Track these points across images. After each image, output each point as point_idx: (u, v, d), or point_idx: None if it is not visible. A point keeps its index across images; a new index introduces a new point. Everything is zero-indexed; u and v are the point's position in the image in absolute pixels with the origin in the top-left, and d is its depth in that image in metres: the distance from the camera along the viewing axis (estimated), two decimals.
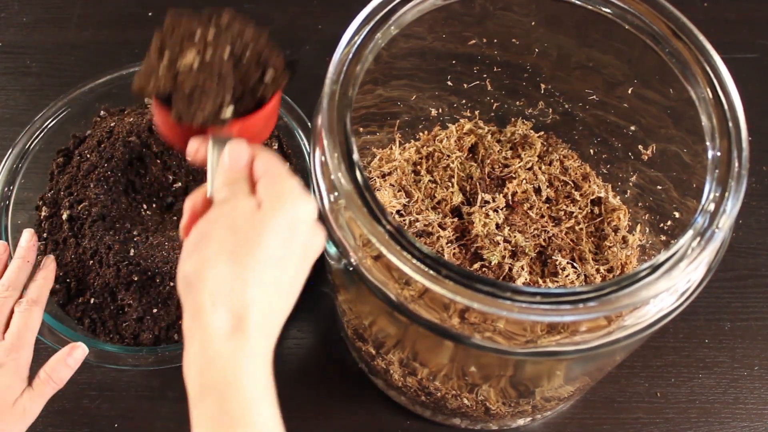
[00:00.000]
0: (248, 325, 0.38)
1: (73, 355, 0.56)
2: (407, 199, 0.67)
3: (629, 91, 0.60)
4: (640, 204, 0.67)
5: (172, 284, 0.63)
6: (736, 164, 0.44)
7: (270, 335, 0.41)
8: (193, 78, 0.42)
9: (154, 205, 0.70)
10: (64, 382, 0.56)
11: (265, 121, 0.45)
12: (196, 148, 0.44)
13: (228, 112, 0.42)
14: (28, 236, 0.61)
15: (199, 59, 0.42)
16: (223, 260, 0.38)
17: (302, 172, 0.74)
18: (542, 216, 0.67)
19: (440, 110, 0.73)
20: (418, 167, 0.70)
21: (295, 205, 0.40)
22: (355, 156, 0.43)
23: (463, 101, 0.72)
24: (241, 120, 0.43)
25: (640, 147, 0.63)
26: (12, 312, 0.56)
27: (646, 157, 0.63)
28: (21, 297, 0.57)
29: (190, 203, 0.44)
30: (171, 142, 0.47)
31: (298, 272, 0.41)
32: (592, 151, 0.70)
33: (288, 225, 0.39)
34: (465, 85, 0.69)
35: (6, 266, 0.60)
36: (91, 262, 0.65)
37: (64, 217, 0.68)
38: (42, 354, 0.70)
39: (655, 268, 0.41)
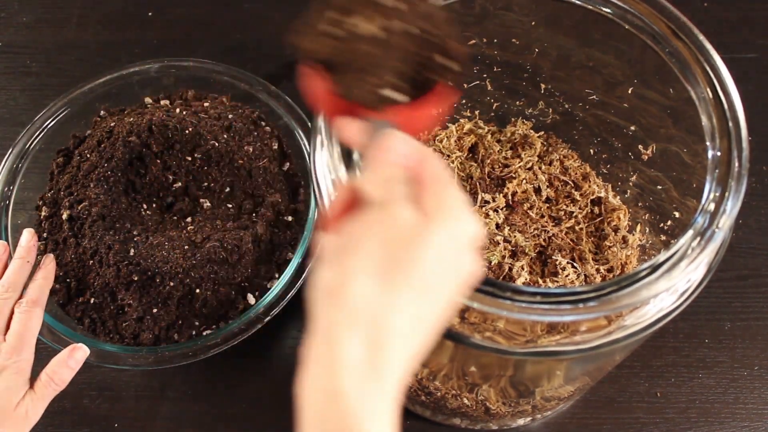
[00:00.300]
0: (384, 361, 0.32)
1: (74, 357, 0.56)
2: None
3: (629, 91, 0.60)
4: (640, 204, 0.67)
5: (172, 284, 0.63)
6: (736, 164, 0.44)
7: (404, 377, 0.33)
8: (372, 48, 0.35)
9: (154, 205, 0.70)
10: (66, 384, 0.56)
11: (433, 115, 0.39)
12: (349, 128, 0.37)
13: (400, 95, 0.36)
14: (28, 236, 0.61)
15: (383, 29, 0.35)
16: (371, 277, 0.32)
17: (302, 171, 0.74)
18: (542, 216, 0.67)
19: (440, 110, 0.73)
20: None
21: (463, 227, 0.34)
22: (355, 156, 0.43)
23: (463, 101, 0.72)
24: (410, 107, 0.37)
25: (640, 147, 0.63)
26: (12, 313, 0.56)
27: (646, 157, 0.63)
28: (21, 297, 0.57)
29: (343, 193, 0.37)
30: (321, 109, 0.41)
31: (447, 307, 0.35)
32: (592, 151, 0.70)
33: (452, 249, 0.33)
34: (465, 85, 0.69)
35: (6, 266, 0.60)
36: (91, 262, 0.65)
37: (64, 217, 0.68)
38: (42, 354, 0.70)
39: (655, 268, 0.41)
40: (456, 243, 0.34)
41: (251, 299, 0.65)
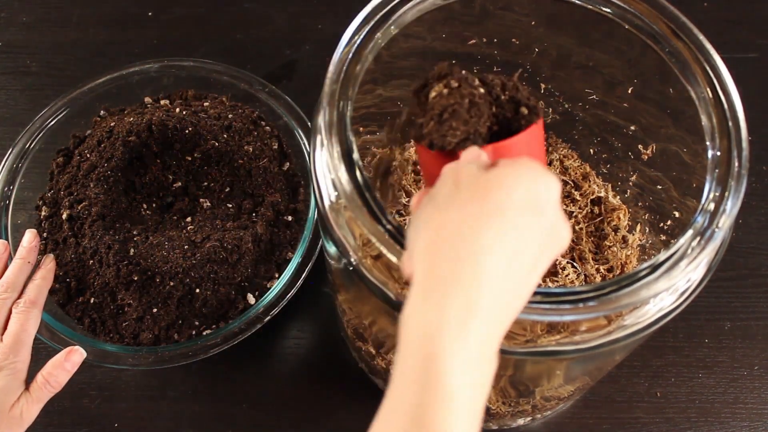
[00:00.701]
0: (478, 309, 0.32)
1: (71, 359, 0.56)
2: (407, 199, 0.67)
3: (629, 91, 0.60)
4: (640, 204, 0.67)
5: (172, 284, 0.63)
6: (736, 164, 0.44)
7: (497, 326, 0.33)
8: (444, 100, 0.41)
9: (154, 205, 0.70)
10: (62, 386, 0.56)
11: (519, 150, 0.42)
12: None
13: (479, 138, 0.41)
14: (30, 237, 0.61)
15: (448, 89, 0.42)
16: (462, 223, 0.33)
17: (302, 171, 0.74)
18: None
19: None
20: (418, 167, 0.70)
21: (540, 176, 0.34)
22: (355, 156, 0.43)
23: None
24: (493, 144, 0.41)
25: (640, 147, 0.63)
26: (10, 313, 0.56)
27: (646, 157, 0.63)
28: (20, 298, 0.57)
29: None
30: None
31: (537, 264, 0.34)
32: (592, 150, 0.70)
33: (531, 196, 0.33)
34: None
35: (6, 266, 0.60)
36: (91, 261, 0.65)
37: (64, 216, 0.68)
38: (42, 354, 0.70)
39: (655, 268, 0.41)
40: (535, 194, 0.34)
41: (251, 299, 0.65)
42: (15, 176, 0.71)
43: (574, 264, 0.64)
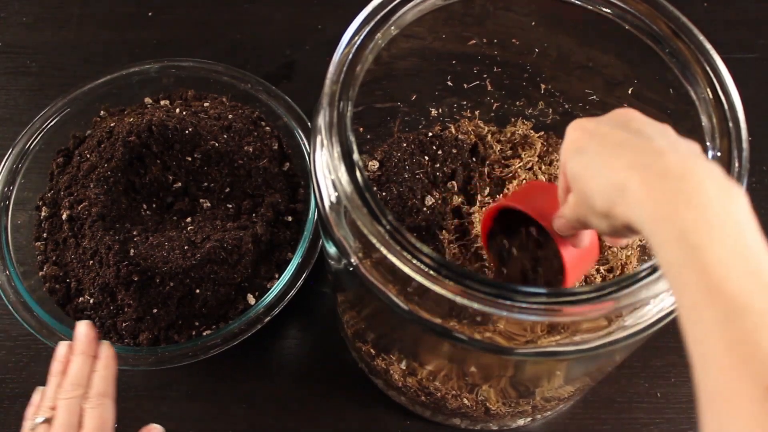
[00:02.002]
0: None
1: None
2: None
3: (629, 91, 0.60)
4: None
5: (171, 284, 0.63)
6: (736, 164, 0.44)
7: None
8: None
9: (154, 205, 0.70)
10: None
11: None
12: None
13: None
14: (85, 329, 0.57)
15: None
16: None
17: (302, 172, 0.74)
18: None
19: (440, 110, 0.73)
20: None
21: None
22: (355, 156, 0.43)
23: (463, 101, 0.72)
24: None
25: None
26: (82, 410, 0.53)
27: None
28: (87, 392, 0.54)
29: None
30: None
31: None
32: None
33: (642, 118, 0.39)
34: (465, 85, 0.69)
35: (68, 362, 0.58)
36: (91, 262, 0.65)
37: (64, 217, 0.68)
38: (42, 354, 0.70)
39: (655, 268, 0.41)
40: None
41: (251, 299, 0.65)
42: (15, 176, 0.71)
43: None
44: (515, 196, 0.54)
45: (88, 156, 0.70)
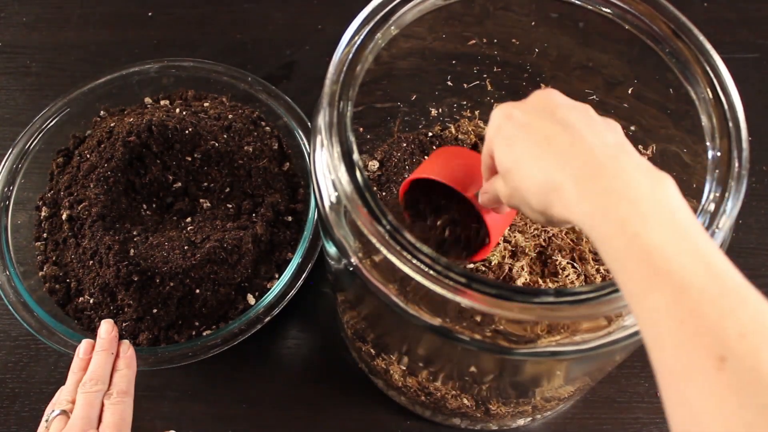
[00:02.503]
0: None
1: None
2: None
3: (629, 91, 0.60)
4: None
5: (171, 284, 0.63)
6: (736, 164, 0.44)
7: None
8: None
9: (154, 205, 0.70)
10: None
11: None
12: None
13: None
14: (108, 327, 0.59)
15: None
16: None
17: (302, 172, 0.74)
18: None
19: (440, 110, 0.73)
20: None
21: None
22: (355, 156, 0.43)
23: (463, 101, 0.72)
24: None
25: (640, 147, 0.63)
26: (103, 405, 0.54)
27: (647, 157, 0.63)
28: (108, 389, 0.55)
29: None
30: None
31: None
32: None
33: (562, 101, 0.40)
34: (465, 85, 0.69)
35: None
36: (91, 262, 0.65)
37: (64, 217, 0.68)
38: (42, 354, 0.70)
39: None
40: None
41: (251, 299, 0.65)
42: (15, 176, 0.71)
43: (574, 264, 0.64)
44: (432, 164, 0.54)
45: (88, 156, 0.70)
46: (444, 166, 0.52)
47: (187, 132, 0.69)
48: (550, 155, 0.37)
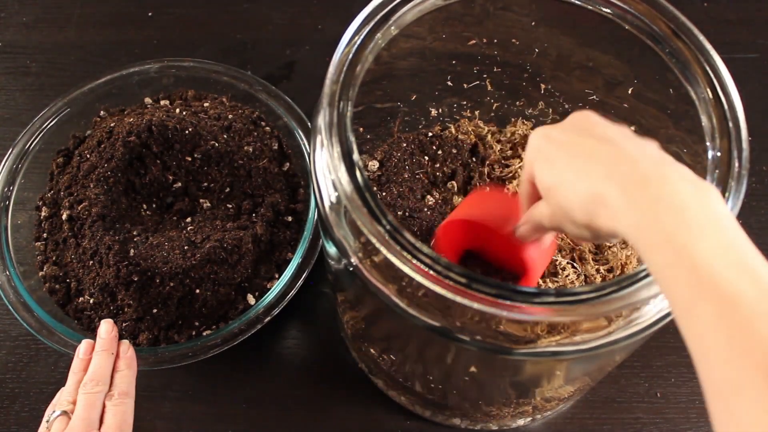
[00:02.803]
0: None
1: None
2: None
3: (629, 91, 0.60)
4: None
5: (171, 284, 0.63)
6: (736, 164, 0.44)
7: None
8: None
9: (154, 205, 0.70)
10: None
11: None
12: None
13: None
14: (108, 327, 0.59)
15: None
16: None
17: (302, 172, 0.74)
18: None
19: (440, 110, 0.73)
20: None
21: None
22: (355, 156, 0.43)
23: (463, 101, 0.72)
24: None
25: None
26: (104, 406, 0.54)
27: None
28: (110, 389, 0.55)
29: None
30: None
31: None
32: None
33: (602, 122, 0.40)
34: (465, 85, 0.69)
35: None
36: (91, 262, 0.65)
37: (64, 217, 0.68)
38: (42, 354, 0.70)
39: None
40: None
41: (251, 299, 0.65)
42: (15, 177, 0.71)
43: (574, 264, 0.64)
44: (467, 207, 0.55)
45: (88, 156, 0.70)
46: (479, 207, 0.53)
47: (187, 132, 0.69)
48: (594, 166, 0.37)
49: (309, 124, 0.74)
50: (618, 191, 0.35)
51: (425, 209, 0.66)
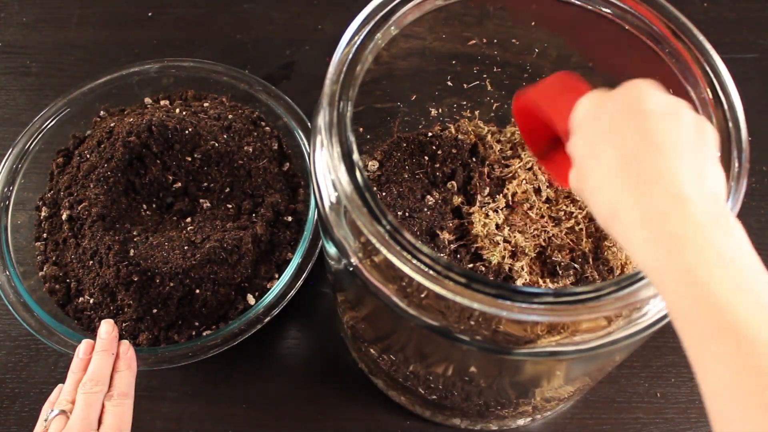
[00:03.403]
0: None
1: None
2: None
3: None
4: None
5: (171, 284, 0.63)
6: (736, 165, 0.44)
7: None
8: None
9: (153, 205, 0.70)
10: None
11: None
12: None
13: None
14: (108, 327, 0.59)
15: None
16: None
17: (302, 172, 0.74)
18: (542, 216, 0.67)
19: (440, 110, 0.73)
20: None
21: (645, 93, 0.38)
22: (355, 156, 0.43)
23: (463, 101, 0.72)
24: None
25: None
26: (103, 406, 0.54)
27: None
28: (109, 390, 0.55)
29: None
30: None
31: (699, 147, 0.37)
32: None
33: (661, 107, 0.37)
34: (465, 85, 0.69)
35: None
36: (91, 262, 0.65)
37: (64, 217, 0.68)
38: (42, 354, 0.70)
39: None
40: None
41: (251, 299, 0.65)
42: (15, 177, 0.71)
43: (575, 264, 0.64)
44: (547, 90, 0.52)
45: (88, 156, 0.70)
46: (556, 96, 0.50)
47: (187, 132, 0.69)
48: (625, 177, 0.36)
49: (309, 124, 0.74)
50: (638, 217, 0.34)
51: (425, 209, 0.66)
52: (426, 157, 0.69)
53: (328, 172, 0.44)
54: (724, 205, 0.35)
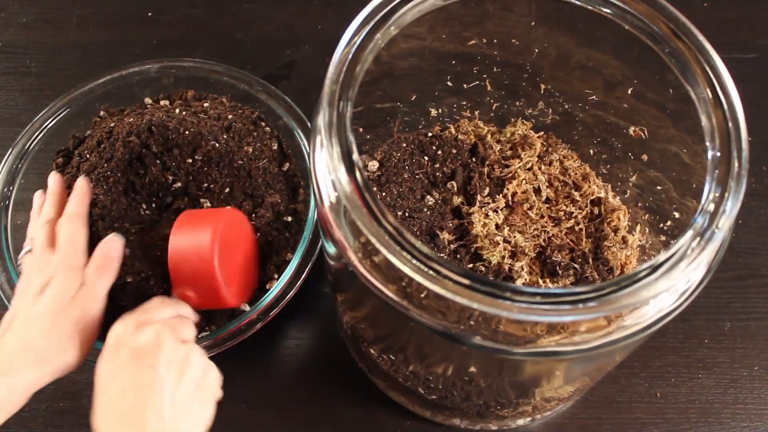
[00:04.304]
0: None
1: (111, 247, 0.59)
2: None
3: (629, 91, 0.60)
4: (639, 204, 0.67)
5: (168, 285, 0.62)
6: (736, 164, 0.44)
7: None
8: None
9: (153, 206, 0.70)
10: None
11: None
12: None
13: None
14: (56, 178, 0.65)
15: None
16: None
17: (302, 172, 0.74)
18: (542, 216, 0.67)
19: (440, 110, 0.73)
20: None
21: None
22: (355, 156, 0.43)
23: (463, 101, 0.72)
24: None
25: (638, 149, 0.63)
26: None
27: (646, 158, 0.63)
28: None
29: None
30: None
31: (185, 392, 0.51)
32: (592, 151, 0.70)
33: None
34: (465, 85, 0.69)
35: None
36: None
37: None
38: None
39: (654, 269, 0.41)
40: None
41: None
42: (15, 177, 0.71)
43: (575, 264, 0.64)
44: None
45: (88, 156, 0.70)
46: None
47: (187, 132, 0.69)
48: (118, 404, 0.51)
49: (309, 124, 0.74)
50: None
51: (425, 209, 0.66)
52: (426, 157, 0.69)
53: (328, 172, 0.44)
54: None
